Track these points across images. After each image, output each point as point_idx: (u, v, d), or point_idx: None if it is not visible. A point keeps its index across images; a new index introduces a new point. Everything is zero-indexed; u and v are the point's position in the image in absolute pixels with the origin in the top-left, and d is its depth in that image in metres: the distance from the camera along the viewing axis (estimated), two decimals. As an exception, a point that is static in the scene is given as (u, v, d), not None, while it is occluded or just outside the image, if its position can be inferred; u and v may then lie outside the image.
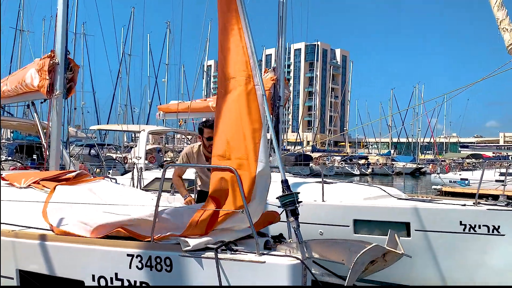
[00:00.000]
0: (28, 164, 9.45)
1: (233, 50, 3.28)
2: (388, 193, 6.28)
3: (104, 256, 3.19)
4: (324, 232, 5.63)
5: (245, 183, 2.96)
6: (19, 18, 36.41)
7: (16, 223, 3.75)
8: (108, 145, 28.32)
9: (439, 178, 24.05)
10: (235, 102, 3.16)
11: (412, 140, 66.84)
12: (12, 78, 6.68)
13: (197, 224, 2.99)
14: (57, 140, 5.81)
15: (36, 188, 4.46)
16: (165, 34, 46.12)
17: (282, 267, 2.75)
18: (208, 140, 4.61)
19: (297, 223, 2.97)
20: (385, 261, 3.21)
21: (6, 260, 3.54)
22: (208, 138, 4.57)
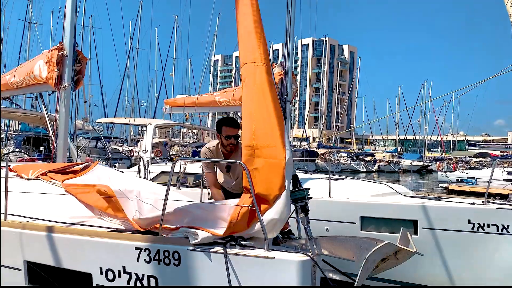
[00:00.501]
0: (35, 156, 9.49)
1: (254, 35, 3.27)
2: (395, 190, 6.24)
3: (112, 249, 3.18)
4: (331, 229, 5.60)
5: (276, 171, 2.89)
6: (28, 10, 36.55)
7: (24, 214, 3.76)
8: (115, 138, 28.42)
9: (445, 176, 23.95)
10: (259, 89, 3.13)
11: (419, 137, 66.52)
12: (21, 70, 6.68)
13: (237, 221, 2.90)
14: (64, 132, 5.81)
15: (44, 179, 4.46)
16: (173, 28, 46.20)
17: (292, 263, 2.71)
18: (226, 139, 4.24)
19: (307, 219, 2.94)
20: (397, 259, 3.17)
21: (14, 251, 3.55)
22: (226, 136, 4.22)
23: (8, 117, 9.80)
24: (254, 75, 3.19)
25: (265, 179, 2.92)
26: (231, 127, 4.22)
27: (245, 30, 3.34)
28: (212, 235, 2.96)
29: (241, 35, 3.36)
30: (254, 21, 3.32)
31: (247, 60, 3.25)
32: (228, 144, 4.25)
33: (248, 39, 3.30)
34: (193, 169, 7.14)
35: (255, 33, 3.29)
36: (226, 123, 4.27)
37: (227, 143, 4.26)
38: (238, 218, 2.89)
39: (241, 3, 3.40)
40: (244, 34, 3.34)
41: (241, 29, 3.37)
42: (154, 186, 4.53)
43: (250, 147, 3.01)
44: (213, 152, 4.42)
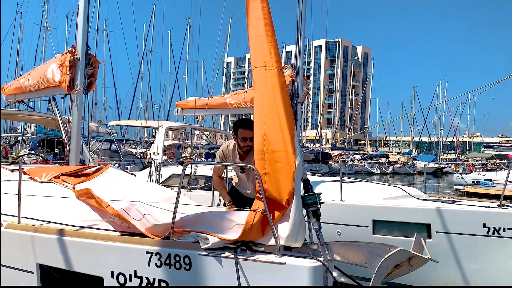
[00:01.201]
0: (50, 158, 9.61)
1: (265, 39, 3.27)
2: (408, 193, 6.16)
3: (123, 253, 3.18)
4: (342, 232, 5.55)
5: (286, 175, 2.88)
6: (43, 15, 37.14)
7: (36, 217, 3.79)
8: (127, 141, 28.65)
9: (461, 178, 23.61)
10: (270, 93, 3.12)
11: (434, 139, 65.70)
12: (34, 73, 6.76)
13: (251, 227, 2.88)
14: (77, 135, 5.86)
15: (56, 182, 4.48)
16: (186, 31, 46.43)
17: (303, 269, 2.69)
18: (242, 141, 4.30)
19: (318, 224, 2.91)
20: (411, 266, 3.13)
21: (26, 254, 3.58)
22: (243, 138, 4.27)
23: (22, 119, 9.94)
24: (265, 78, 3.18)
25: (275, 184, 2.91)
26: (247, 129, 4.25)
27: (256, 34, 3.34)
28: (222, 240, 2.94)
29: (251, 38, 3.36)
30: (265, 24, 3.31)
31: (257, 64, 3.24)
32: (245, 146, 4.31)
33: (259, 43, 3.30)
34: (204, 171, 7.14)
35: (265, 36, 3.28)
36: (242, 125, 4.32)
37: (243, 145, 4.32)
38: (254, 221, 2.88)
39: (252, 7, 3.39)
40: (255, 37, 3.33)
41: (251, 33, 3.37)
42: (164, 190, 4.53)
43: (261, 151, 3.01)
44: (230, 151, 4.50)
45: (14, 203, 3.69)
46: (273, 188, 2.91)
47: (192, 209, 3.46)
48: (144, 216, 3.32)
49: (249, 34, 3.38)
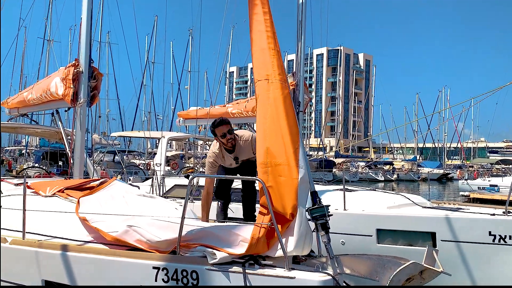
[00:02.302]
0: (53, 170, 9.63)
1: (267, 52, 3.28)
2: (412, 201, 6.12)
3: (130, 268, 3.16)
4: (346, 242, 5.50)
5: (289, 189, 2.88)
6: (46, 28, 37.47)
7: (41, 232, 3.78)
8: (129, 152, 28.75)
9: (467, 185, 23.48)
10: (272, 106, 3.13)
11: (438, 145, 65.45)
12: (38, 87, 6.79)
13: (257, 241, 2.88)
14: (81, 148, 5.86)
15: (61, 196, 4.46)
16: (188, 41, 46.69)
17: (313, 283, 2.65)
18: (222, 137, 4.60)
19: (327, 237, 2.89)
20: (423, 279, 3.08)
21: (32, 270, 3.57)
22: (222, 135, 4.58)
23: (25, 133, 9.98)
24: (267, 92, 3.19)
25: (279, 197, 2.91)
26: (221, 126, 4.59)
27: (258, 47, 3.35)
28: (230, 255, 2.92)
29: (254, 52, 3.37)
30: (268, 37, 3.32)
31: (260, 77, 3.25)
32: (227, 140, 4.54)
33: (262, 56, 3.30)
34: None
35: (268, 49, 3.29)
36: (216, 125, 4.63)
37: (226, 140, 4.61)
38: (259, 235, 2.86)
39: (255, 20, 3.41)
40: (258, 51, 3.34)
41: (254, 46, 3.38)
42: (168, 204, 4.52)
43: (264, 164, 3.01)
44: (218, 154, 4.75)
45: (19, 218, 3.68)
46: (277, 202, 2.91)
47: (197, 222, 3.45)
48: (143, 236, 3.29)
49: (252, 48, 3.39)
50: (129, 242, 3.32)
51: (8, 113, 7.97)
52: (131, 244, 3.32)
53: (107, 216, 3.68)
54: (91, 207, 3.95)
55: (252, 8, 3.42)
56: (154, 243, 3.21)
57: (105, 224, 3.57)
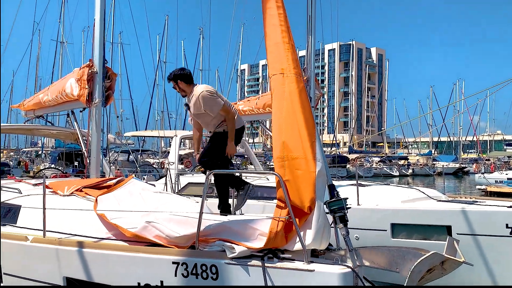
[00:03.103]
0: (69, 171, 9.77)
1: (282, 46, 3.27)
2: (427, 195, 6.07)
3: (149, 264, 3.20)
4: (360, 237, 5.49)
5: (306, 182, 2.88)
6: (59, 31, 37.94)
7: (61, 230, 3.86)
8: (143, 151, 29.00)
9: (483, 178, 23.17)
10: (288, 100, 3.13)
11: (453, 138, 64.60)
12: (53, 88, 6.88)
13: (276, 235, 2.89)
14: (97, 148, 5.92)
15: (79, 195, 4.55)
16: (199, 40, 46.81)
17: (332, 276, 2.66)
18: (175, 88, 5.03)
19: (346, 229, 2.89)
20: (444, 269, 3.07)
21: (53, 267, 3.64)
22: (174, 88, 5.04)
23: (41, 134, 10.13)
24: (282, 86, 3.19)
25: (296, 191, 2.91)
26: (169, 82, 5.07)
27: (273, 42, 3.34)
28: (248, 248, 2.95)
29: (269, 47, 3.36)
30: (282, 31, 3.32)
31: (275, 72, 3.25)
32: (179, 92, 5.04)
33: (276, 50, 3.30)
34: None
35: (282, 43, 3.28)
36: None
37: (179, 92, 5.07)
38: (277, 229, 2.88)
39: (269, 14, 3.40)
40: (272, 45, 3.34)
41: (269, 41, 3.37)
42: (184, 201, 4.57)
43: (281, 159, 3.02)
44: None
45: (39, 217, 3.76)
46: (294, 195, 2.91)
47: (214, 217, 3.48)
48: (162, 231, 3.33)
49: (266, 43, 3.38)
50: (148, 238, 3.36)
51: (24, 115, 8.09)
52: (150, 240, 3.36)
53: (125, 213, 3.74)
54: (109, 205, 4.02)
55: (265, 2, 3.42)
56: (173, 238, 3.25)
57: (124, 220, 3.63)
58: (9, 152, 38.91)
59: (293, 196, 2.91)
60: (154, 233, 3.36)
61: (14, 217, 4.40)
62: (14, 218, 4.39)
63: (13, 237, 3.97)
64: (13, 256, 3.96)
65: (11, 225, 4.33)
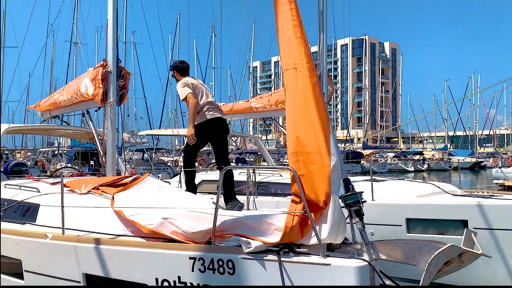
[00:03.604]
0: (85, 170, 9.91)
1: (294, 41, 3.27)
2: (442, 189, 6.02)
3: (167, 260, 3.23)
4: (375, 232, 5.47)
5: (321, 177, 2.88)
6: (73, 31, 38.38)
7: (79, 228, 3.92)
8: (158, 150, 29.29)
9: (501, 172, 22.83)
10: (301, 95, 3.13)
11: (469, 133, 63.66)
12: (68, 88, 6.98)
13: (291, 230, 2.90)
14: (112, 146, 5.99)
15: (96, 193, 4.60)
16: (211, 38, 46.93)
17: (349, 270, 2.65)
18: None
19: (362, 223, 2.88)
20: (462, 262, 3.05)
21: (72, 264, 3.71)
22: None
23: (57, 134, 10.28)
24: (295, 81, 3.18)
25: (311, 185, 2.91)
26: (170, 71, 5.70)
27: (285, 37, 3.34)
28: (264, 243, 2.96)
29: (281, 42, 3.36)
30: (294, 25, 3.31)
31: (288, 67, 3.25)
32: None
33: (289, 45, 3.30)
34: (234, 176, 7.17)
35: (295, 38, 3.28)
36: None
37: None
38: (293, 223, 2.88)
39: (281, 10, 3.39)
40: (285, 40, 3.33)
41: (281, 36, 3.37)
42: (199, 197, 4.61)
43: (295, 153, 3.02)
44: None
45: (57, 215, 3.84)
46: (309, 190, 2.91)
47: (230, 213, 3.50)
48: (179, 227, 3.36)
49: (279, 38, 3.38)
50: (165, 234, 3.40)
51: (40, 116, 8.23)
52: (167, 236, 3.40)
53: (142, 209, 3.79)
54: (126, 202, 4.07)
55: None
56: (190, 234, 3.28)
57: (141, 217, 3.68)
58: (27, 152, 39.64)
59: (308, 190, 2.91)
60: (170, 229, 3.40)
61: (34, 216, 4.49)
62: (34, 216, 4.48)
63: (33, 235, 4.05)
64: (34, 254, 4.05)
65: (31, 223, 4.43)
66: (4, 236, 4.27)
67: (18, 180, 6.13)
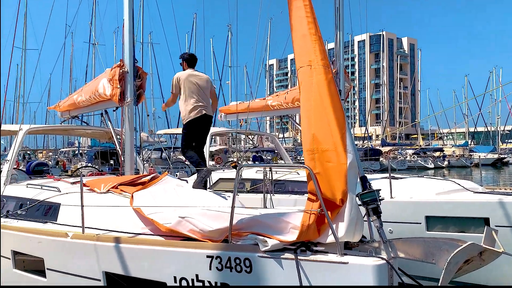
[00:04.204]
0: (105, 169, 10.05)
1: (308, 37, 3.24)
2: (463, 186, 5.90)
3: (185, 258, 3.26)
4: (394, 230, 5.40)
5: (337, 175, 2.86)
6: (91, 33, 38.92)
7: (99, 226, 3.99)
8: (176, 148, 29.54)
9: (524, 169, 22.28)
10: (316, 92, 3.10)
11: (491, 128, 62.37)
12: (86, 89, 7.08)
13: (308, 228, 2.89)
14: (130, 146, 6.06)
15: (115, 192, 4.67)
16: (227, 37, 47.02)
17: (367, 268, 2.62)
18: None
19: (379, 221, 2.85)
20: (482, 260, 2.97)
21: (92, 262, 3.77)
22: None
23: (77, 134, 10.45)
24: (310, 78, 3.16)
25: (327, 183, 2.89)
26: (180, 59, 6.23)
27: (299, 34, 3.31)
28: (281, 242, 2.96)
29: (295, 39, 3.33)
30: (308, 22, 3.29)
31: (302, 64, 3.23)
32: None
33: (303, 42, 3.27)
34: (250, 174, 7.19)
35: (309, 35, 3.25)
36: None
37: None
38: (309, 221, 2.87)
39: (295, 6, 3.37)
40: (299, 37, 3.31)
41: (295, 33, 3.34)
42: (216, 195, 4.63)
43: (311, 151, 3.00)
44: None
45: (78, 214, 3.90)
46: (325, 188, 2.89)
47: (246, 211, 3.51)
48: (196, 226, 3.38)
49: (293, 35, 3.35)
50: (182, 232, 3.43)
51: (60, 116, 8.37)
52: (185, 234, 3.43)
53: (160, 208, 3.83)
54: (145, 201, 4.12)
55: None
56: (207, 232, 3.30)
57: (160, 215, 3.72)
58: (48, 152, 40.42)
59: (325, 188, 2.89)
60: (188, 227, 3.42)
61: (55, 215, 4.58)
62: (55, 215, 4.57)
63: (54, 234, 4.13)
64: (55, 252, 4.13)
65: (52, 222, 4.51)
66: (27, 235, 4.38)
67: (39, 180, 6.26)
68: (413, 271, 3.33)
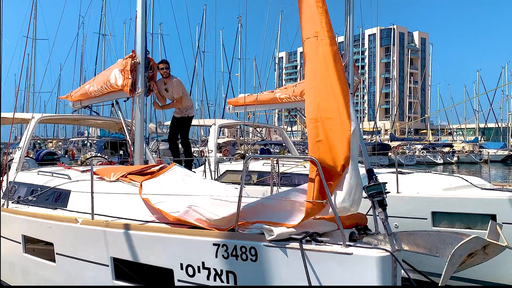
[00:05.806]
0: (114, 159, 10.16)
1: (315, 9, 3.25)
2: (470, 182, 5.89)
3: (192, 246, 3.32)
4: (400, 225, 5.42)
5: (341, 141, 2.88)
6: (102, 23, 38.98)
7: (109, 214, 4.07)
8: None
9: (534, 166, 22.07)
10: (322, 61, 3.11)
11: (502, 124, 61.66)
12: (98, 79, 7.15)
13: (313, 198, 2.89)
14: (140, 136, 6.13)
15: (124, 181, 4.75)
16: (237, 29, 46.89)
17: (371, 259, 2.65)
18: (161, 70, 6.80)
19: (385, 214, 2.87)
20: (486, 254, 2.99)
21: (101, 248, 3.85)
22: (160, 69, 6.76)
23: (87, 124, 10.55)
24: (316, 48, 3.17)
25: (329, 150, 2.91)
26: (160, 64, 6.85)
27: (306, 3, 3.31)
28: (286, 231, 2.98)
29: (302, 8, 3.33)
30: None
31: (309, 35, 3.23)
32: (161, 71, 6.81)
33: (310, 12, 3.27)
34: (256, 167, 7.23)
35: (316, 7, 3.25)
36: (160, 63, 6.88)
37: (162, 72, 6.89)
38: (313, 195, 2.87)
39: None
40: (306, 7, 3.31)
41: (303, 4, 3.34)
42: (222, 186, 4.68)
43: (314, 120, 3.02)
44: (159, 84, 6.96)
45: (88, 201, 3.98)
46: (327, 156, 2.90)
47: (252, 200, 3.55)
48: (203, 215, 3.43)
49: (300, 9, 3.35)
50: (190, 221, 3.49)
51: (71, 106, 8.47)
52: (192, 223, 3.48)
53: (168, 197, 3.88)
54: (153, 190, 4.18)
55: None
56: (213, 221, 3.34)
57: (167, 205, 3.78)
58: (58, 142, 40.83)
59: (327, 156, 2.90)
60: (195, 216, 3.48)
61: (65, 201, 4.67)
62: (65, 202, 4.66)
63: (64, 219, 4.22)
64: (65, 238, 4.22)
65: (62, 208, 4.61)
66: (37, 220, 4.47)
67: (50, 168, 6.36)
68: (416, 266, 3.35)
